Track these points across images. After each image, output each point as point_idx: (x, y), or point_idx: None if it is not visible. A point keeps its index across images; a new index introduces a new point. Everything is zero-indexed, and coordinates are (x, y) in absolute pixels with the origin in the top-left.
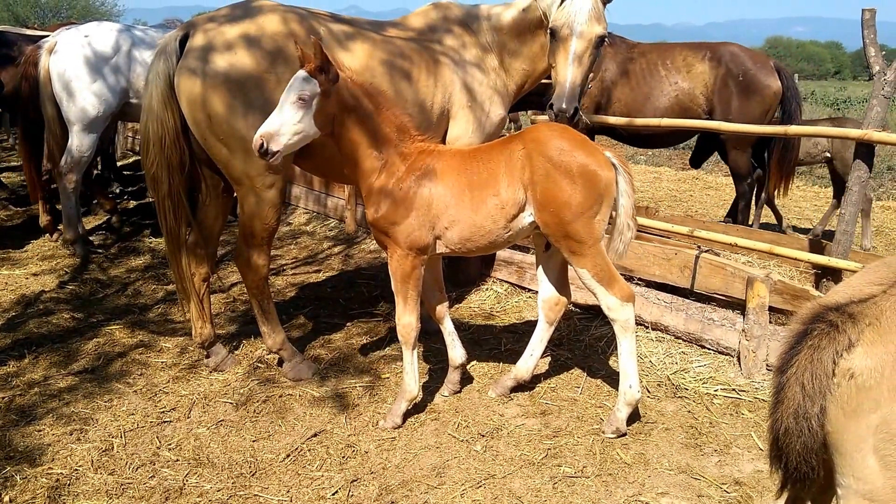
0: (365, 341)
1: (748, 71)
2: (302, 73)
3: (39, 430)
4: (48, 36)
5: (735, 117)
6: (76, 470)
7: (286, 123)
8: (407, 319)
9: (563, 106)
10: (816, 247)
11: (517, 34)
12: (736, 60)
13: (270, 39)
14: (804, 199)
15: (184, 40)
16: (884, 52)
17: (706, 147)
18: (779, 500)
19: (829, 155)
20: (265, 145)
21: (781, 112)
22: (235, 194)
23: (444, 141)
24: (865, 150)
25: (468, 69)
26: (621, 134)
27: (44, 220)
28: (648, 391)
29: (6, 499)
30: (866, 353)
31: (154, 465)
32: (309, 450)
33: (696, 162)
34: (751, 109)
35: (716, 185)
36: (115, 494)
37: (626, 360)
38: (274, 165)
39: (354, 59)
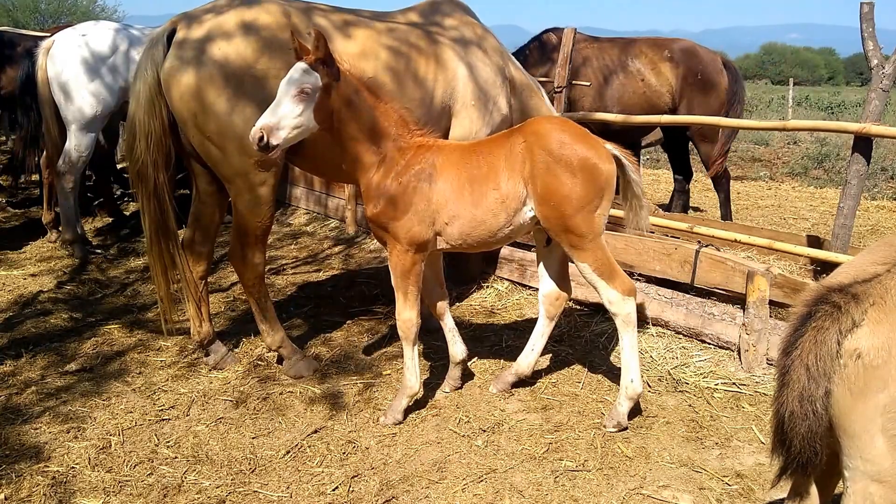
0: (365, 339)
1: (705, 69)
2: (302, 65)
3: (36, 429)
4: (49, 37)
5: (698, 113)
6: (73, 468)
7: (286, 117)
8: (407, 315)
9: None
10: (815, 242)
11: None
12: (693, 59)
13: (264, 29)
14: (800, 200)
15: (172, 34)
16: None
17: (675, 148)
18: (773, 491)
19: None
20: (265, 139)
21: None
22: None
23: (447, 135)
24: (863, 144)
25: (471, 52)
26: (590, 127)
27: (46, 217)
28: (649, 386)
29: (2, 497)
30: (873, 331)
31: (152, 462)
32: (309, 446)
33: (684, 170)
34: (710, 104)
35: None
36: (113, 492)
37: (627, 354)
38: (272, 161)
39: (354, 48)
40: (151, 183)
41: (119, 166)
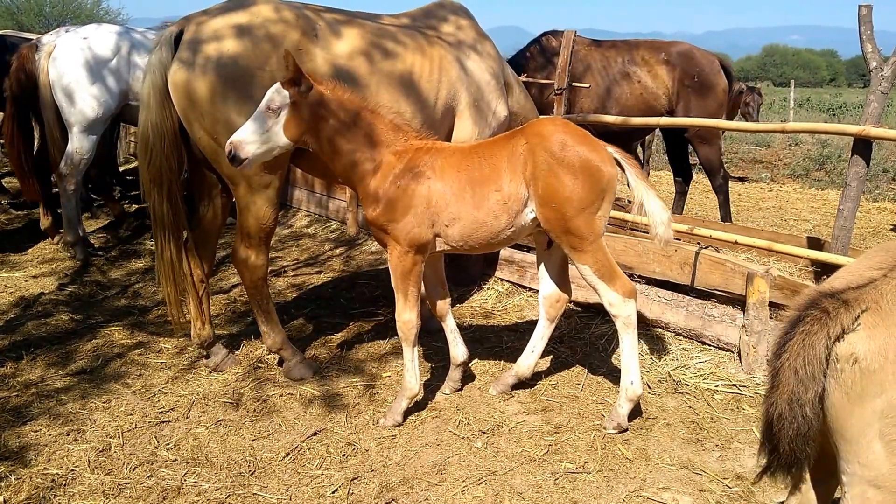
0: (366, 341)
1: (702, 71)
2: (277, 84)
3: (35, 431)
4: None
5: (695, 115)
6: (72, 470)
7: (254, 132)
8: (407, 316)
9: None
10: (815, 243)
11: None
12: (689, 62)
13: (261, 30)
14: (801, 201)
15: (179, 37)
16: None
17: (674, 150)
18: (773, 493)
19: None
20: (233, 152)
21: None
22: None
23: (450, 137)
24: (863, 146)
25: (471, 55)
26: (590, 129)
27: (45, 222)
28: (649, 387)
29: (2, 499)
30: (869, 336)
31: (152, 464)
32: (309, 448)
33: (683, 172)
34: (708, 105)
35: None
36: (112, 494)
37: (627, 356)
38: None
39: (350, 49)
40: (166, 186)
41: (121, 168)
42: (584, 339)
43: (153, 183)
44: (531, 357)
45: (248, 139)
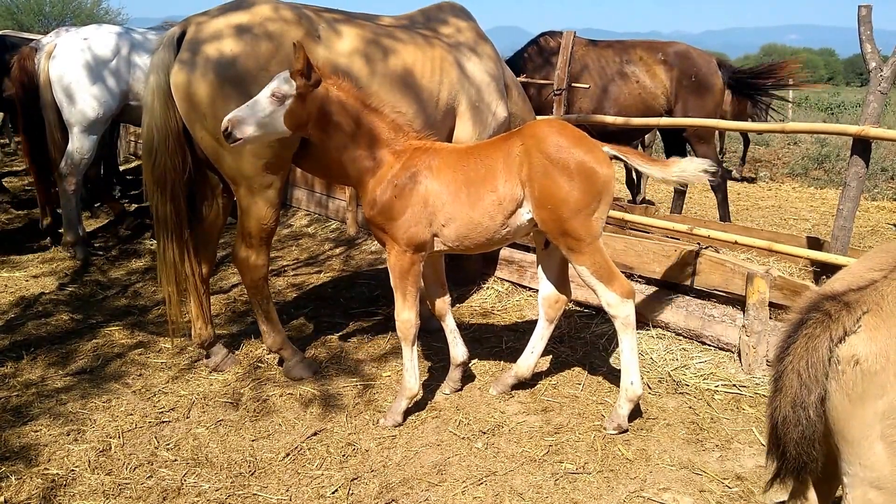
0: (365, 340)
1: (699, 71)
2: (286, 73)
3: (36, 431)
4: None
5: (693, 115)
6: (73, 470)
7: (254, 115)
8: (406, 315)
9: None
10: (815, 243)
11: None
12: (686, 62)
13: (261, 30)
14: (800, 200)
15: (181, 38)
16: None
17: (672, 149)
18: (773, 494)
19: None
20: (229, 129)
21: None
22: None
23: (451, 138)
24: (862, 146)
25: (471, 56)
26: (588, 129)
27: (45, 223)
28: (649, 387)
29: (2, 499)
30: (870, 338)
31: (152, 465)
32: (309, 449)
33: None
34: (706, 105)
35: None
36: (112, 495)
37: (627, 356)
38: (272, 165)
39: (350, 49)
40: (169, 187)
41: (121, 168)
42: (584, 339)
43: (157, 184)
44: (531, 357)
45: (247, 120)
